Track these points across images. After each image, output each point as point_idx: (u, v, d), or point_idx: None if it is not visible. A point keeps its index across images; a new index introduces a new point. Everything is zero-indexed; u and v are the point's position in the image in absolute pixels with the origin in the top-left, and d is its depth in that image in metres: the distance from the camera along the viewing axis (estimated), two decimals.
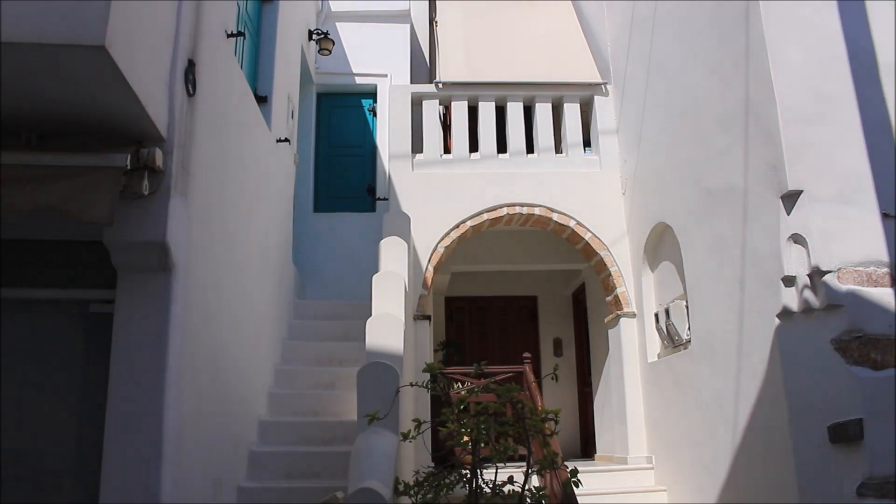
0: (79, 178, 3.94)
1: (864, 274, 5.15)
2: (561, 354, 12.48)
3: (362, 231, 9.93)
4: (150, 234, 4.27)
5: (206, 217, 5.12)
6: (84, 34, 3.36)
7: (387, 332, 6.24)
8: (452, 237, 9.06)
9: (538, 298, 12.95)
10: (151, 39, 4.13)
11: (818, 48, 5.71)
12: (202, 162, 5.00)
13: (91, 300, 4.69)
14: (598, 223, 9.21)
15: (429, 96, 9.82)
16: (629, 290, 8.91)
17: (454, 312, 12.82)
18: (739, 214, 6.17)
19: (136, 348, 4.31)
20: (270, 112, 7.45)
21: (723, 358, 6.47)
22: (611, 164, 9.51)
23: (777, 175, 5.55)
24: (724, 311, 6.44)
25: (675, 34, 7.53)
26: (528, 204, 9.21)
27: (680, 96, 7.42)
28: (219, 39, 5.50)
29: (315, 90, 10.70)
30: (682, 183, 7.39)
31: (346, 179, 10.57)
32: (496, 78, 9.97)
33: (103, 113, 4.00)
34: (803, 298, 5.30)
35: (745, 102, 6.03)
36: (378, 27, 11.04)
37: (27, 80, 3.66)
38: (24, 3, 3.38)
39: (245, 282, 6.29)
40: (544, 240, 10.64)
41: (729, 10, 6.33)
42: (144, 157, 4.17)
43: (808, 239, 5.28)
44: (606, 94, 9.85)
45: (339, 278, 9.78)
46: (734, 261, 6.25)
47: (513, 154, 9.60)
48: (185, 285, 4.62)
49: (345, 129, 10.83)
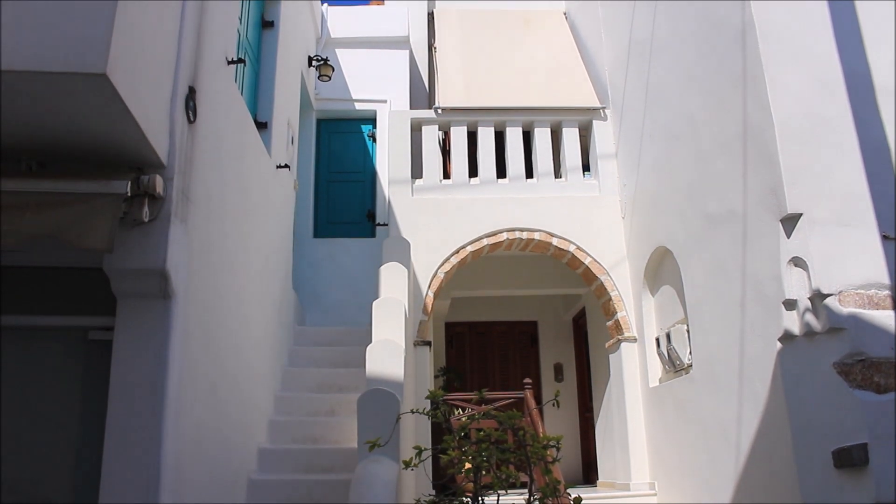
0: (79, 204, 3.94)
1: (866, 296, 5.13)
2: (562, 379, 12.42)
3: (362, 257, 9.93)
4: (150, 261, 4.27)
5: (206, 243, 5.12)
6: (86, 62, 3.38)
7: (387, 358, 6.22)
8: (452, 262, 9.05)
9: (538, 323, 12.92)
10: (153, 66, 4.15)
11: (815, 72, 5.74)
12: (202, 188, 5.00)
13: (90, 327, 4.66)
14: (597, 247, 9.20)
15: (428, 122, 9.86)
16: (630, 314, 8.89)
17: (454, 338, 12.78)
18: (739, 238, 6.16)
19: (135, 376, 4.29)
20: (270, 138, 7.48)
21: (724, 382, 6.44)
22: (610, 189, 9.52)
23: (776, 198, 5.55)
24: (725, 335, 6.41)
25: (673, 58, 7.57)
26: (528, 229, 9.22)
27: (678, 120, 7.44)
28: (219, 66, 5.53)
29: (315, 116, 10.75)
30: (681, 207, 7.39)
31: (346, 205, 10.58)
32: (495, 103, 10.02)
33: (104, 140, 4.01)
34: (805, 322, 5.28)
35: (744, 126, 6.05)
36: (377, 53, 11.12)
37: (28, 107, 3.67)
38: (27, 32, 3.40)
39: (245, 308, 6.27)
40: (544, 264, 10.63)
41: (726, 34, 6.36)
42: (145, 184, 4.17)
43: (808, 262, 5.27)
44: (605, 118, 9.89)
45: (339, 304, 9.75)
46: (735, 284, 6.24)
47: (512, 179, 9.61)
48: (185, 312, 4.60)
49: (344, 154, 10.87)
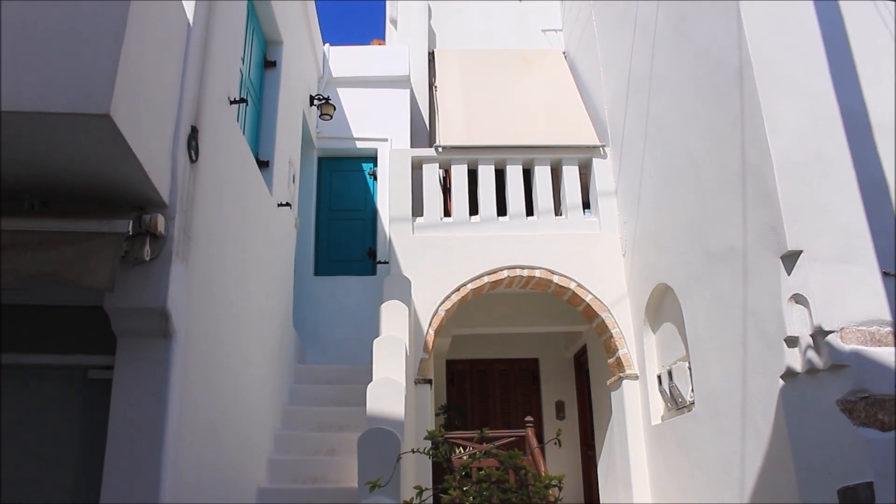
0: (80, 243, 3.95)
1: (868, 333, 5.12)
2: (563, 417, 12.35)
3: (363, 294, 9.92)
4: (150, 300, 4.27)
5: (206, 282, 5.13)
6: (89, 103, 3.41)
7: (388, 397, 6.20)
8: (453, 300, 9.04)
9: (539, 361, 12.88)
10: (155, 107, 4.19)
11: (812, 109, 5.79)
12: (204, 227, 5.02)
13: (90, 366, 4.66)
14: (598, 285, 9.20)
15: (429, 160, 9.92)
16: (631, 351, 8.86)
17: (455, 375, 12.73)
18: (740, 275, 6.17)
19: (134, 416, 4.27)
20: (272, 176, 7.52)
21: (727, 420, 6.40)
22: (610, 226, 9.55)
23: (776, 235, 5.57)
24: (727, 373, 6.39)
25: (672, 96, 7.64)
26: (529, 266, 9.22)
27: (678, 157, 7.49)
28: (222, 105, 5.58)
29: (316, 154, 10.81)
30: (681, 243, 7.41)
31: (347, 243, 10.60)
32: (495, 141, 10.09)
33: (106, 179, 4.04)
34: (807, 359, 5.26)
35: (743, 163, 6.09)
36: (378, 92, 11.21)
37: (31, 147, 3.70)
38: (31, 72, 3.45)
39: (245, 347, 6.25)
40: (545, 302, 10.62)
41: (723, 73, 6.43)
42: (146, 223, 4.19)
43: (809, 299, 5.27)
44: (605, 156, 9.95)
45: (339, 342, 9.72)
46: (736, 321, 6.23)
47: (513, 217, 9.64)
48: (185, 351, 4.60)
49: (346, 192, 10.91)
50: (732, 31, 6.26)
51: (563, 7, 13.02)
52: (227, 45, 5.77)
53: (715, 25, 6.62)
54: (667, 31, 7.76)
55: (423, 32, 12.58)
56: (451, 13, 13.31)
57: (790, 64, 5.96)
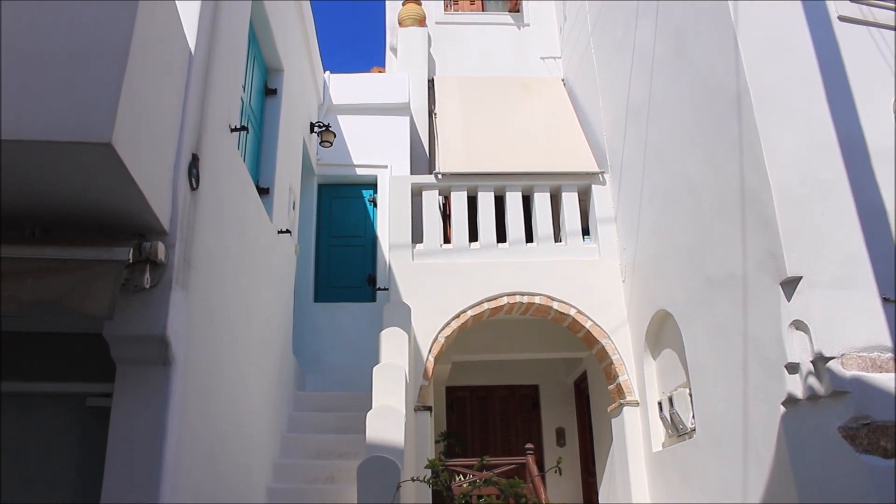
0: (81, 271, 3.96)
1: (868, 359, 5.11)
2: (564, 444, 12.27)
3: (363, 321, 9.90)
4: (150, 328, 4.26)
5: (206, 309, 5.12)
6: (91, 132, 3.43)
7: (387, 425, 6.18)
8: (453, 327, 9.03)
9: (540, 387, 12.82)
10: (157, 134, 4.21)
11: (809, 135, 5.83)
12: (204, 254, 5.03)
13: (88, 394, 4.64)
14: (598, 311, 9.19)
15: (428, 187, 9.95)
16: (631, 378, 8.83)
17: (455, 402, 12.67)
18: (740, 301, 6.17)
19: (133, 444, 4.24)
20: (272, 203, 7.54)
21: (728, 447, 6.36)
22: (610, 252, 9.56)
23: (775, 261, 5.58)
24: (728, 399, 6.36)
25: (671, 123, 7.68)
26: (529, 293, 9.22)
27: (677, 183, 7.51)
28: (222, 133, 5.61)
29: (316, 181, 10.85)
30: (681, 270, 7.42)
31: (347, 269, 10.60)
32: (495, 168, 10.12)
33: (107, 207, 4.05)
34: (808, 385, 5.24)
35: (741, 189, 6.11)
36: (379, 119, 11.26)
37: (32, 174, 3.71)
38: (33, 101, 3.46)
39: (245, 374, 6.24)
40: (545, 328, 10.60)
41: (721, 99, 6.48)
42: (147, 251, 4.20)
43: (809, 325, 5.26)
44: (604, 182, 9.98)
45: (339, 369, 9.70)
46: (736, 348, 6.22)
47: (512, 243, 9.65)
48: (185, 378, 4.58)
49: (345, 219, 10.93)
50: (730, 58, 6.31)
51: (561, 35, 13.12)
52: (228, 73, 5.82)
53: (712, 52, 6.67)
54: (665, 58, 7.83)
55: (422, 60, 12.66)
56: (450, 41, 13.41)
57: (787, 90, 6.01)
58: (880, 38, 6.36)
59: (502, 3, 14.12)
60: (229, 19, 5.83)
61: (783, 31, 6.25)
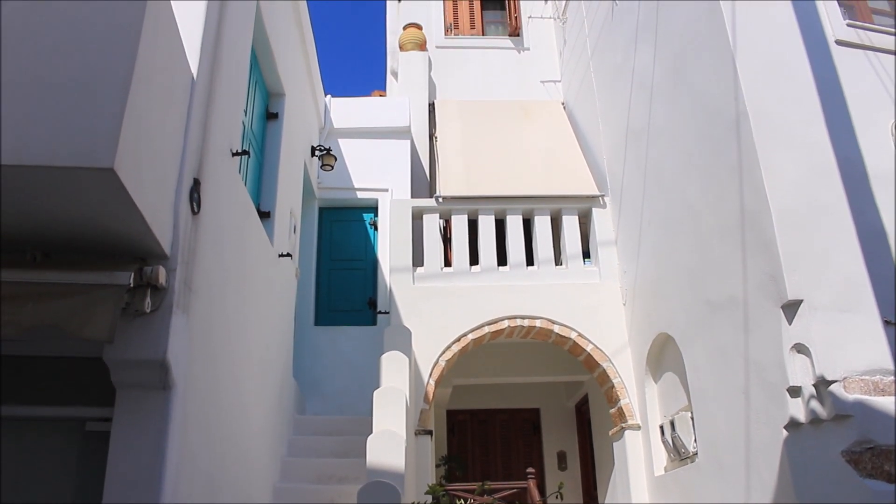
0: (81, 295, 3.95)
1: (871, 383, 5.10)
2: (565, 468, 12.20)
3: (363, 345, 9.87)
4: (150, 352, 4.25)
5: (206, 333, 5.12)
6: (94, 157, 3.43)
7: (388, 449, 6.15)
8: (454, 350, 9.01)
9: (541, 411, 12.78)
10: (158, 159, 4.23)
11: (809, 158, 5.86)
12: (205, 278, 5.03)
13: (88, 418, 4.61)
14: (599, 334, 9.18)
15: (429, 210, 9.97)
16: (633, 401, 8.80)
17: (456, 426, 12.62)
18: (741, 324, 6.16)
19: (132, 468, 4.21)
20: (273, 227, 7.55)
21: (731, 471, 6.33)
22: (611, 275, 9.55)
23: (776, 284, 5.58)
24: (731, 423, 6.34)
25: (670, 146, 7.71)
26: (529, 316, 9.21)
27: (677, 206, 7.53)
28: (224, 157, 5.63)
29: (317, 204, 10.86)
30: (682, 293, 7.41)
31: (348, 293, 10.59)
32: (495, 192, 10.14)
33: (108, 231, 4.06)
34: (810, 409, 5.23)
35: (741, 212, 6.12)
36: (379, 143, 11.30)
37: (35, 199, 3.72)
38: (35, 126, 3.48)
39: (245, 398, 6.22)
40: (546, 351, 10.58)
41: (721, 123, 6.51)
42: (148, 275, 4.19)
43: (810, 348, 5.25)
44: (604, 205, 10.00)
45: (339, 392, 9.66)
46: (738, 371, 6.20)
47: (513, 266, 9.66)
48: (184, 403, 4.56)
49: (346, 242, 10.94)
50: (728, 83, 6.36)
51: (561, 58, 13.21)
52: (230, 97, 5.85)
53: (711, 77, 6.72)
54: (664, 82, 7.87)
55: (423, 84, 12.73)
56: (451, 65, 13.50)
57: (786, 114, 6.04)
58: (877, 62, 6.41)
59: (502, 28, 14.24)
60: (231, 45, 5.88)
61: (781, 56, 6.30)
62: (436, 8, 14.12)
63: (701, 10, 6.93)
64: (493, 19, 14.42)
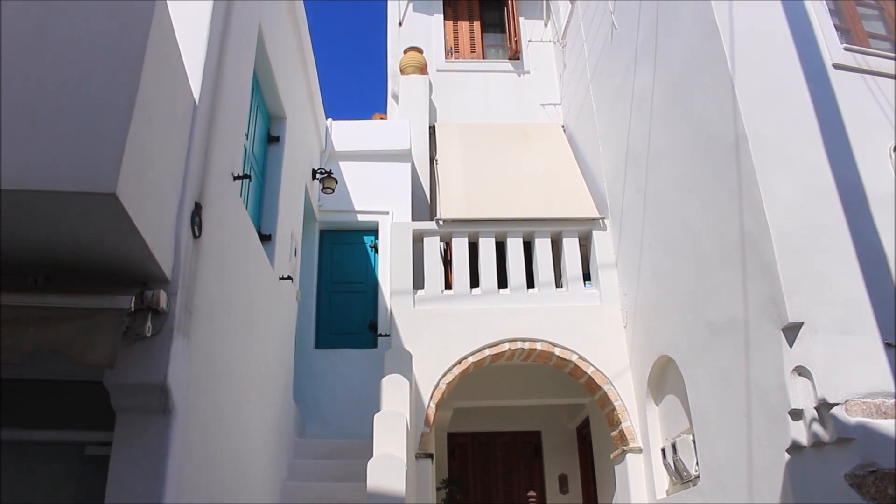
0: (82, 319, 3.95)
1: (873, 405, 5.08)
2: (567, 491, 12.14)
3: (364, 367, 9.85)
4: (151, 376, 4.24)
5: (207, 357, 5.11)
6: (96, 182, 3.44)
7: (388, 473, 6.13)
8: (454, 373, 8.99)
9: (542, 433, 12.74)
10: (160, 184, 4.24)
11: (808, 181, 5.88)
12: (205, 302, 5.03)
13: (87, 442, 4.59)
14: (600, 357, 9.16)
15: (430, 233, 9.98)
16: (634, 424, 8.76)
17: (457, 448, 12.57)
18: (742, 346, 6.15)
19: (132, 493, 4.19)
20: (274, 250, 7.56)
21: (733, 494, 6.29)
22: (611, 298, 9.55)
23: (776, 307, 5.58)
24: (732, 446, 6.31)
25: (670, 169, 7.74)
26: (530, 339, 9.19)
27: (677, 229, 7.54)
28: (225, 181, 5.65)
29: (318, 227, 10.89)
30: (683, 315, 7.40)
31: (348, 315, 10.58)
32: (496, 214, 10.16)
33: (110, 255, 4.06)
34: (812, 432, 5.21)
35: (741, 235, 6.13)
36: (380, 166, 11.34)
37: (37, 223, 3.73)
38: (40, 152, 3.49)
39: (245, 421, 6.20)
40: (547, 374, 10.56)
41: (720, 146, 6.53)
42: (149, 299, 4.19)
43: (812, 371, 5.24)
44: (604, 228, 10.01)
45: (340, 415, 9.63)
46: (739, 394, 6.19)
47: (513, 289, 9.65)
48: (185, 427, 4.55)
49: (347, 265, 10.95)
50: (727, 106, 6.39)
51: (561, 81, 13.28)
52: (231, 121, 5.88)
53: (710, 100, 6.75)
54: (663, 105, 7.91)
55: (423, 107, 12.79)
56: (451, 88, 13.57)
57: (785, 137, 6.07)
58: (875, 85, 6.45)
59: (502, 51, 14.34)
60: (234, 69, 5.91)
61: (780, 79, 6.34)
62: (436, 32, 14.23)
63: (699, 34, 6.98)
64: (493, 43, 14.52)
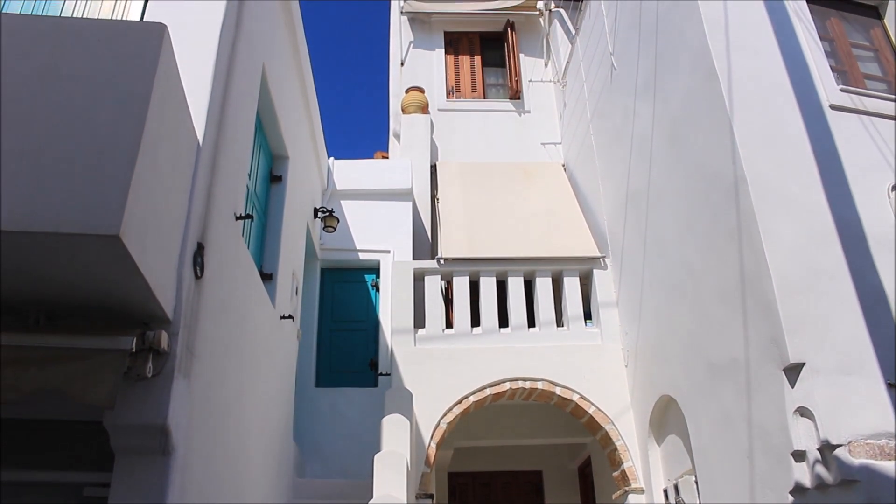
0: (83, 360, 3.95)
1: (877, 447, 5.05)
2: None
3: (364, 407, 9.81)
4: (151, 417, 4.23)
5: (207, 397, 5.09)
6: (100, 224, 3.46)
7: None
8: (455, 412, 8.94)
9: (543, 473, 12.62)
10: (163, 225, 4.26)
11: (807, 222, 5.90)
12: (206, 342, 5.03)
13: (86, 483, 4.56)
14: (601, 396, 9.11)
15: (431, 272, 9.99)
16: (636, 464, 8.69)
17: (457, 488, 12.44)
18: (743, 387, 6.13)
19: None
20: (275, 289, 7.57)
21: None
22: (612, 337, 9.53)
23: (778, 347, 5.57)
24: (735, 487, 6.25)
25: (670, 209, 7.77)
26: (531, 378, 9.16)
27: (677, 269, 7.55)
28: (228, 221, 5.68)
29: (319, 265, 10.90)
30: (684, 355, 7.39)
31: (349, 354, 10.56)
32: (496, 253, 10.18)
33: (112, 295, 4.07)
34: (815, 474, 5.17)
35: (741, 276, 6.14)
36: (381, 204, 11.40)
37: (40, 264, 3.74)
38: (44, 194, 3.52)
39: (244, 462, 6.16)
40: (548, 413, 10.50)
41: (719, 187, 6.56)
42: (150, 339, 4.19)
43: (814, 412, 5.22)
44: (605, 267, 10.02)
45: (340, 455, 9.56)
46: (741, 435, 6.15)
47: (514, 328, 9.64)
48: (184, 468, 4.52)
49: (348, 303, 10.95)
50: (726, 147, 6.43)
51: (561, 121, 13.38)
52: (234, 162, 5.92)
53: (709, 141, 6.80)
54: (663, 145, 7.97)
55: (425, 146, 12.88)
56: (452, 127, 13.67)
57: (784, 178, 6.11)
58: (871, 126, 6.51)
59: (503, 91, 14.46)
60: (237, 110, 5.97)
61: (778, 121, 6.39)
62: (438, 71, 14.37)
63: (698, 75, 7.06)
64: (494, 82, 14.66)
